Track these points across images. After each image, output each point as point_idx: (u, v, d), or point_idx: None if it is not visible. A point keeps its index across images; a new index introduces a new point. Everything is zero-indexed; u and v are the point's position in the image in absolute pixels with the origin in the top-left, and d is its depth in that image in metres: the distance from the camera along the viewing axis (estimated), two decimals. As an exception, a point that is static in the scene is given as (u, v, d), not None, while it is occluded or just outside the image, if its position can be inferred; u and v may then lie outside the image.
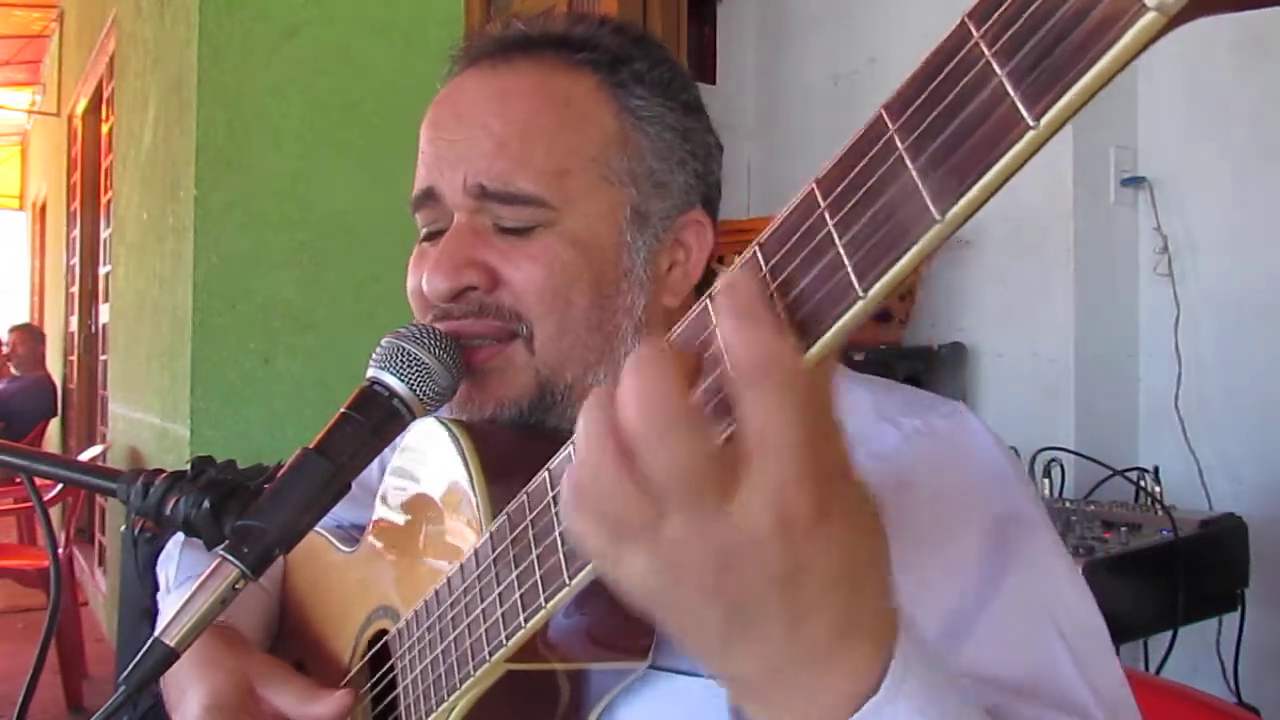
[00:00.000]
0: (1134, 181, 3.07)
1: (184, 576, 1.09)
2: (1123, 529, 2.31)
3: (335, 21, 3.15)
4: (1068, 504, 2.53)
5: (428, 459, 0.87)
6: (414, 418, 0.80)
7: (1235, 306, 2.92)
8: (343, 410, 0.78)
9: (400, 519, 0.91)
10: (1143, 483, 2.60)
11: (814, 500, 0.48)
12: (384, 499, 0.95)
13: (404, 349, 0.80)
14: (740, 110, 4.18)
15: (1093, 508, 2.48)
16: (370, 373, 0.80)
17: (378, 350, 0.81)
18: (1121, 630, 2.23)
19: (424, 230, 0.92)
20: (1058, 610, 0.76)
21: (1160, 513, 2.37)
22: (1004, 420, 3.03)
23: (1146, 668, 2.49)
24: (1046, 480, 2.61)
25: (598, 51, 0.88)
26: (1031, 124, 0.39)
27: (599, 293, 0.85)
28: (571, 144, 0.85)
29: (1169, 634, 2.25)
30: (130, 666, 0.70)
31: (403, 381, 0.79)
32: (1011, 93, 0.40)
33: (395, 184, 3.42)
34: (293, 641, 1.10)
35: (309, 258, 3.09)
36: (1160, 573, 2.24)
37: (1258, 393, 2.86)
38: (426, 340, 0.81)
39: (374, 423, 0.78)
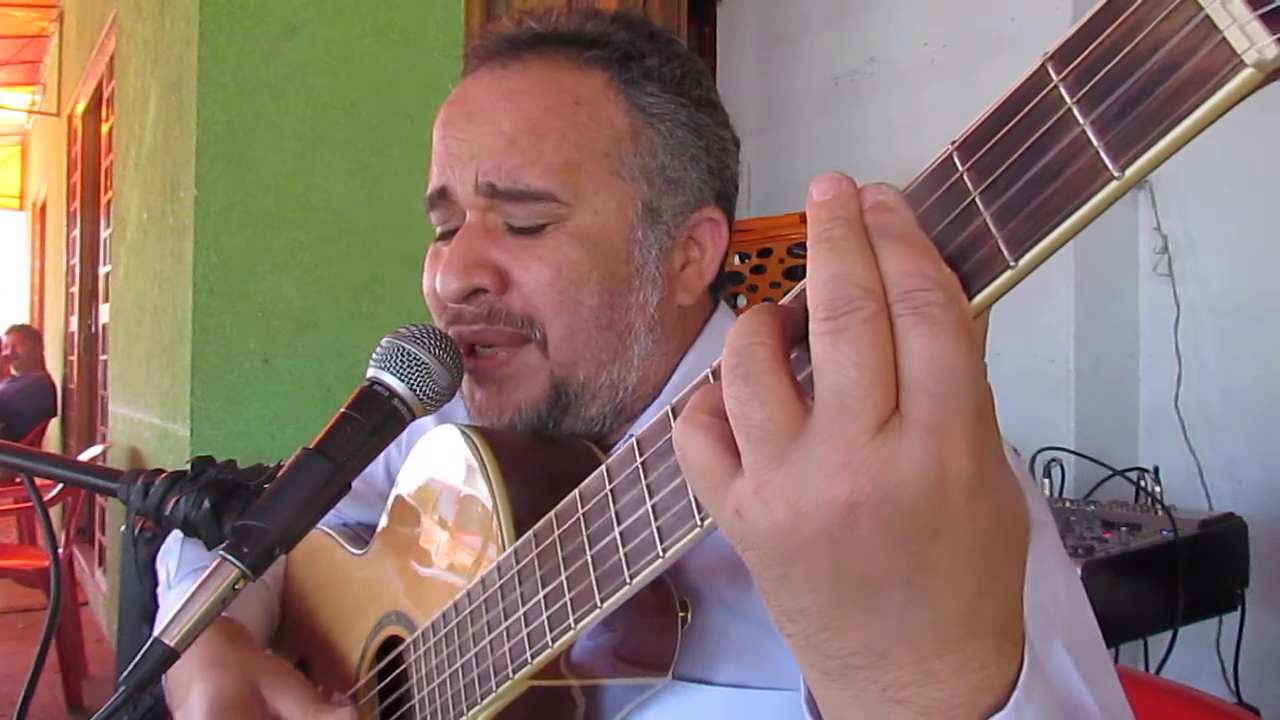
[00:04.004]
0: (1134, 181, 3.07)
1: (185, 572, 1.09)
2: (1123, 529, 2.31)
3: (335, 21, 3.15)
4: (1068, 504, 2.53)
5: (446, 466, 0.87)
6: (414, 418, 0.80)
7: (1235, 306, 2.92)
8: (343, 410, 0.78)
9: (414, 525, 0.91)
10: (1143, 483, 2.60)
11: (974, 459, 0.42)
12: (398, 503, 0.95)
13: (404, 349, 0.80)
14: (740, 110, 4.17)
15: (1093, 508, 2.48)
16: (370, 373, 0.80)
17: (378, 350, 0.81)
18: (1121, 630, 2.23)
19: (438, 229, 0.92)
20: (1054, 618, 0.75)
21: (1160, 513, 2.36)
22: (1004, 420, 3.01)
23: (1146, 668, 2.49)
24: (1046, 480, 2.61)
25: (608, 49, 0.88)
26: (1116, 174, 0.39)
27: (609, 291, 0.85)
28: (582, 140, 0.85)
29: (1169, 634, 2.25)
30: (130, 666, 0.70)
31: (403, 381, 0.79)
32: (1095, 141, 0.39)
33: (395, 184, 3.42)
34: (297, 638, 1.09)
35: (309, 258, 3.09)
36: (1160, 573, 2.23)
37: (1258, 393, 2.86)
38: (426, 340, 0.81)
39: (374, 423, 0.78)
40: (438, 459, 0.88)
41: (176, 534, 1.16)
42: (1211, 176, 2.91)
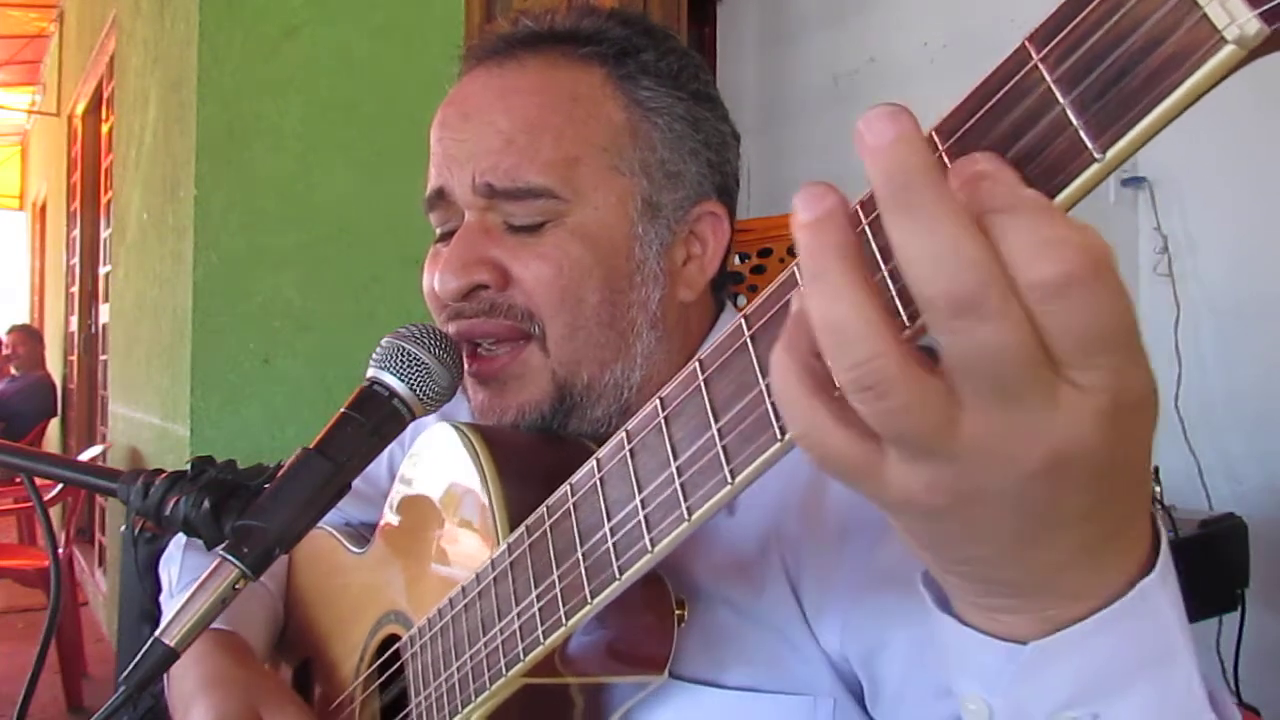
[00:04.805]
0: (1134, 181, 3.07)
1: (187, 579, 1.09)
2: (1123, 529, 2.31)
3: (335, 21, 3.15)
4: (1068, 504, 2.53)
5: (442, 465, 0.86)
6: (414, 418, 0.80)
7: (1235, 306, 2.92)
8: (343, 410, 0.78)
9: (412, 524, 0.91)
10: (1143, 483, 2.60)
11: (1145, 377, 0.40)
12: (396, 503, 0.94)
13: (404, 349, 0.80)
14: (740, 110, 4.16)
15: (1093, 508, 2.48)
16: (370, 373, 0.80)
17: (378, 350, 0.81)
18: (1121, 630, 2.23)
19: (438, 231, 0.92)
20: None
21: (1160, 513, 2.36)
22: (1004, 420, 3.01)
23: (1146, 668, 2.49)
24: (1046, 480, 2.61)
25: (604, 44, 0.87)
26: (1097, 156, 0.38)
27: (611, 288, 0.85)
28: (580, 136, 0.84)
29: (1169, 634, 2.25)
30: (130, 666, 0.70)
31: (403, 381, 0.79)
32: (1075, 121, 0.38)
33: (395, 184, 3.41)
34: (300, 639, 1.09)
35: (309, 258, 3.09)
36: (1160, 573, 2.23)
37: (1258, 393, 2.86)
38: (426, 340, 0.81)
39: (374, 423, 0.78)
40: (435, 458, 0.88)
41: (179, 538, 1.16)
42: (1211, 176, 2.91)
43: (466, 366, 0.86)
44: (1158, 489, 2.53)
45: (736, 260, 3.28)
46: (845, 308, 0.40)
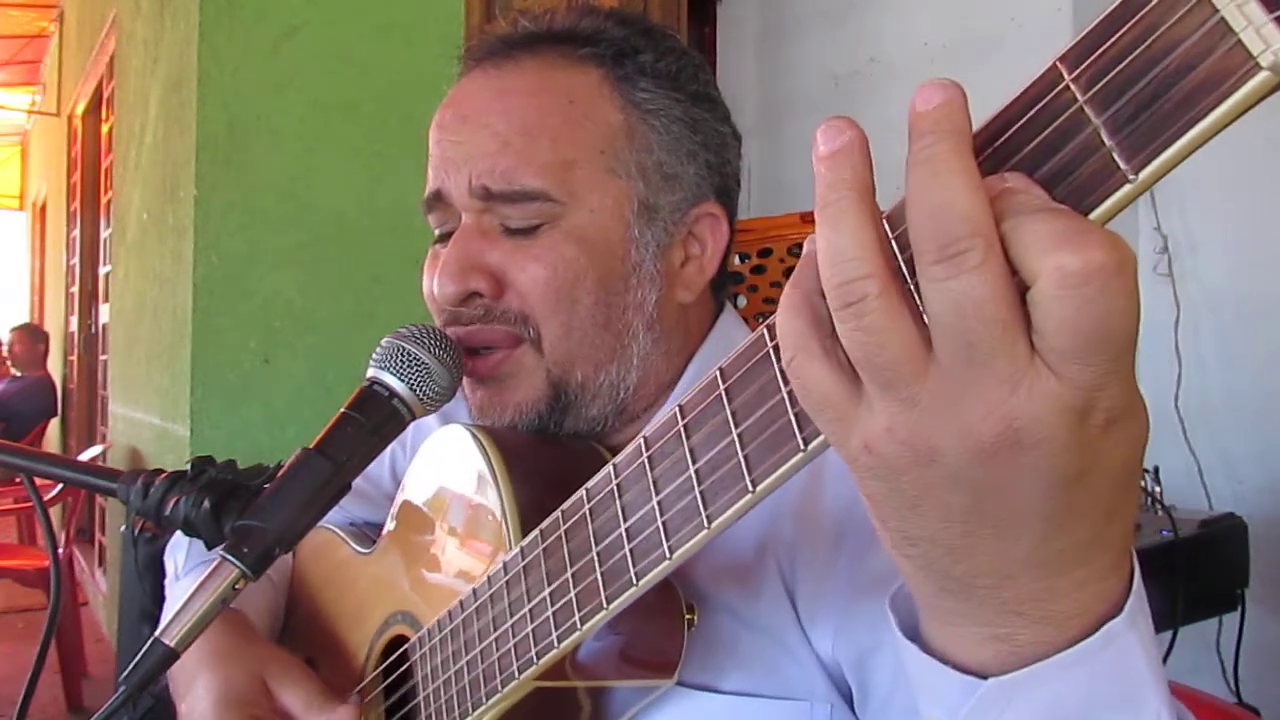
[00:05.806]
0: (1134, 182, 3.06)
1: (192, 564, 1.09)
2: (1123, 529, 2.30)
3: (335, 21, 3.15)
4: (1068, 504, 2.52)
5: (453, 465, 0.86)
6: (414, 418, 0.80)
7: (1235, 306, 2.91)
8: (343, 410, 0.78)
9: (421, 524, 0.91)
10: (1142, 483, 2.60)
11: (1123, 396, 0.40)
12: (404, 502, 0.94)
13: (404, 349, 0.80)
14: (740, 110, 4.16)
15: (1093, 508, 2.48)
16: (370, 373, 0.80)
17: (378, 350, 0.81)
18: (1121, 630, 2.22)
19: (436, 232, 0.91)
20: None
21: (1160, 513, 2.36)
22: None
23: (1146, 668, 2.49)
24: (1046, 480, 2.61)
25: (602, 45, 0.87)
26: (1130, 177, 0.38)
27: (606, 290, 0.85)
28: (576, 138, 0.84)
29: (1169, 634, 2.25)
30: (130, 666, 0.70)
31: (403, 381, 0.79)
32: (1108, 141, 0.38)
33: (395, 184, 3.41)
34: (302, 637, 1.09)
35: (309, 258, 3.09)
36: (1160, 573, 2.23)
37: (1258, 393, 2.86)
38: (426, 340, 0.81)
39: (374, 423, 0.78)
40: (446, 458, 0.88)
41: (184, 528, 1.16)
42: (1211, 177, 2.91)
43: (464, 366, 0.86)
44: (1158, 489, 2.53)
45: (736, 260, 3.28)
46: (846, 233, 0.42)
